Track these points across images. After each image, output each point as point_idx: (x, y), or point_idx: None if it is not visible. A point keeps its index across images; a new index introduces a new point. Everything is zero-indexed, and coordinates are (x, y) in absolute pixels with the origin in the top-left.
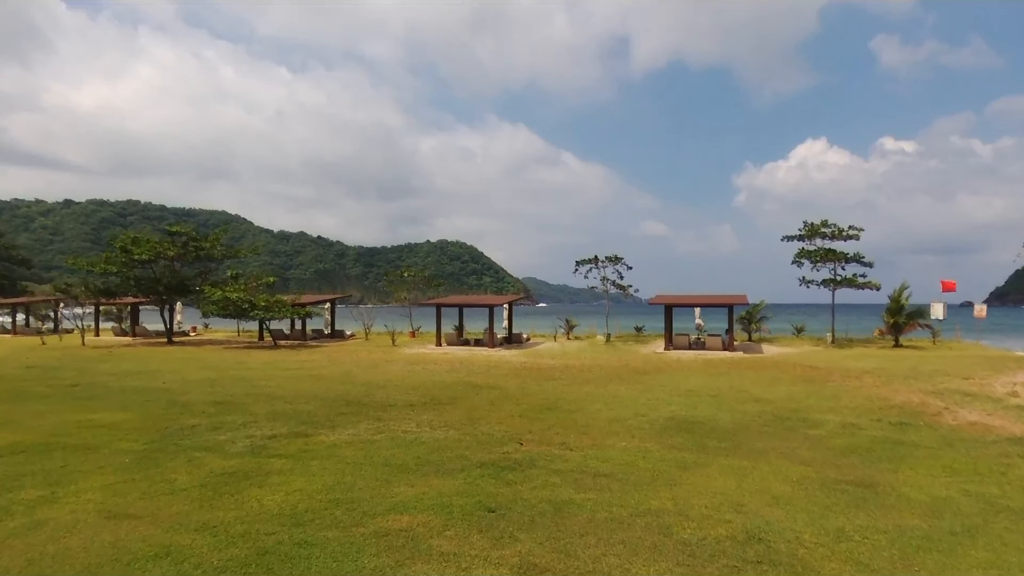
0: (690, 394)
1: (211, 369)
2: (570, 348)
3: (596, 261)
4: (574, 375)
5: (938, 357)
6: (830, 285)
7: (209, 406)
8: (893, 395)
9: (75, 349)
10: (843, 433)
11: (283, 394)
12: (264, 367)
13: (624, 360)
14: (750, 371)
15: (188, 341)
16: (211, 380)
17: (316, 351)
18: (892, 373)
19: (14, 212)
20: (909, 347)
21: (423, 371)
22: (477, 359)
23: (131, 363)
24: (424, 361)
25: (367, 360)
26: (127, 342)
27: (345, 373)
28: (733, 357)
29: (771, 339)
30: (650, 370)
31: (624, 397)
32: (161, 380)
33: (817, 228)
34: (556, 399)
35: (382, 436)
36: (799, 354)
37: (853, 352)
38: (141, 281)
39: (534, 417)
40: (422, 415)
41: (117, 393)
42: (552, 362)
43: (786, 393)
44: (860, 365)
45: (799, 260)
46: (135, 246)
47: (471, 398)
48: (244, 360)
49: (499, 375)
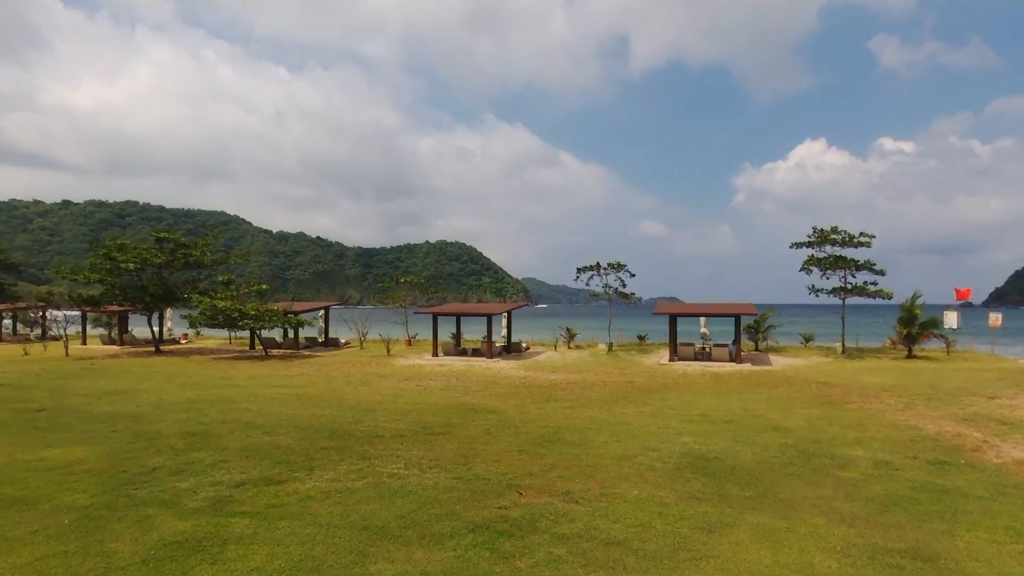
0: (702, 420)
1: (192, 387)
2: (571, 358)
3: (598, 268)
4: (576, 394)
5: (956, 371)
6: (840, 294)
7: (180, 438)
8: (922, 423)
9: (56, 361)
10: (879, 476)
11: (263, 421)
12: (249, 383)
13: (628, 374)
14: (762, 389)
15: (177, 350)
16: (189, 402)
17: (307, 363)
18: (912, 392)
19: (12, 213)
20: (923, 358)
21: (416, 389)
22: (474, 373)
23: (109, 380)
24: (419, 376)
25: (359, 375)
26: (113, 351)
27: (333, 392)
28: (741, 370)
29: (779, 349)
30: (656, 388)
31: (631, 424)
32: (136, 402)
33: (827, 235)
34: (558, 427)
35: (364, 483)
36: (809, 367)
37: (866, 365)
38: (127, 289)
39: (534, 452)
40: (412, 450)
41: (84, 421)
42: (553, 376)
43: (805, 419)
44: (876, 381)
45: (808, 267)
46: (120, 253)
47: (466, 426)
48: (230, 375)
49: (497, 394)
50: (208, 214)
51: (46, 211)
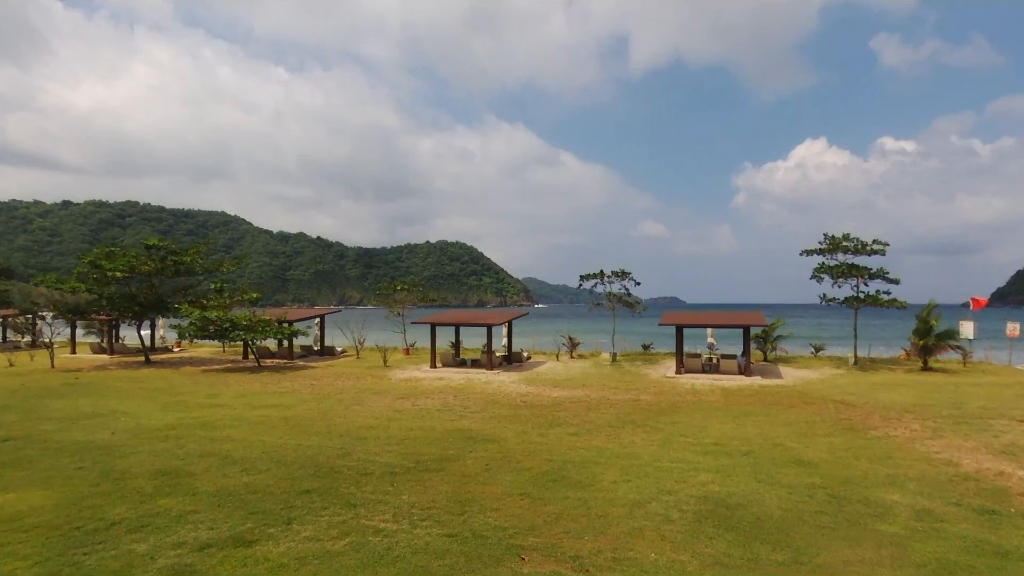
0: (718, 451)
1: (175, 407)
2: (574, 370)
3: (602, 276)
4: (581, 417)
5: (976, 386)
6: (852, 304)
7: (149, 478)
8: (957, 456)
9: (40, 374)
10: (923, 530)
11: (243, 454)
12: (236, 403)
13: (634, 389)
14: (777, 410)
15: (168, 360)
16: (168, 428)
17: (301, 375)
18: (937, 413)
19: (12, 213)
20: (939, 370)
21: (412, 410)
22: (473, 390)
23: (89, 398)
24: (415, 393)
25: (352, 391)
26: (102, 361)
27: (324, 414)
28: (752, 385)
29: (788, 359)
30: (665, 408)
31: (642, 456)
32: (112, 428)
33: (839, 241)
34: (562, 461)
35: (346, 543)
36: (823, 381)
37: (881, 379)
38: (115, 299)
39: (537, 496)
40: (402, 494)
41: (50, 454)
42: (555, 393)
43: (828, 449)
44: (896, 399)
45: (819, 275)
46: (108, 261)
47: (463, 458)
48: (217, 391)
49: (497, 417)
50: (208, 214)
51: (46, 211)
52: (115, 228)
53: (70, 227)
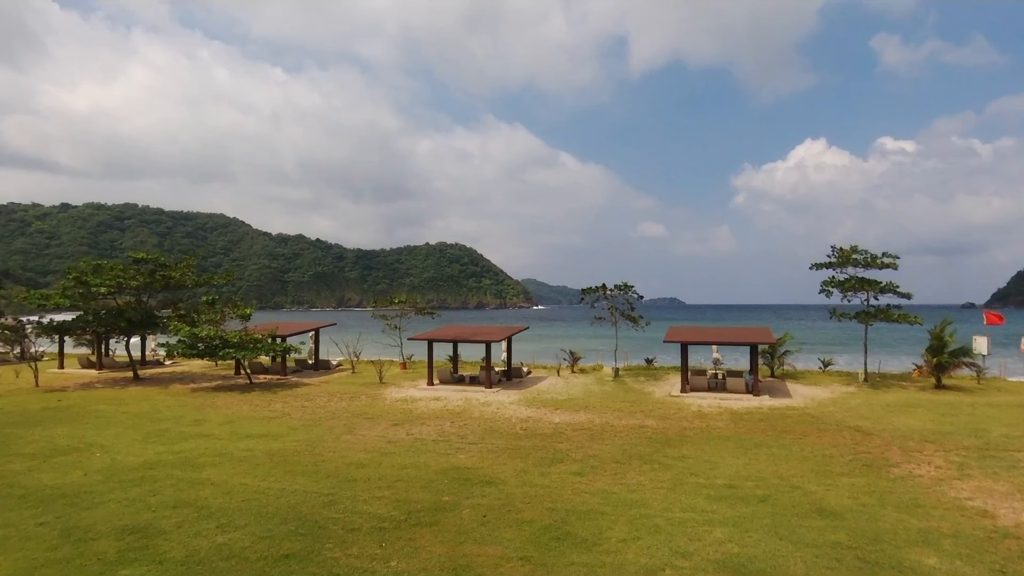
0: (732, 495)
1: (157, 438)
2: (575, 387)
3: (604, 290)
4: (584, 448)
5: (994, 408)
6: (863, 319)
7: (115, 538)
8: (990, 503)
9: (23, 395)
10: None
11: (221, 504)
12: (222, 432)
13: (638, 411)
14: (790, 438)
15: (157, 375)
16: (146, 467)
17: (292, 394)
18: (959, 443)
19: (10, 216)
20: (953, 388)
21: (406, 441)
22: (471, 412)
23: (68, 427)
24: (410, 418)
25: (344, 415)
26: (89, 378)
27: (312, 447)
28: (761, 407)
29: (796, 375)
30: (672, 437)
31: (651, 503)
32: (86, 467)
33: (848, 254)
34: (566, 511)
35: None
36: (834, 402)
37: (894, 398)
38: (101, 315)
39: (539, 561)
40: (391, 558)
41: (12, 504)
42: (557, 418)
43: (850, 493)
44: (913, 425)
45: (827, 289)
46: (95, 275)
47: (459, 507)
48: (205, 416)
49: (496, 450)
50: (207, 216)
51: (45, 214)
52: (113, 231)
53: (68, 230)
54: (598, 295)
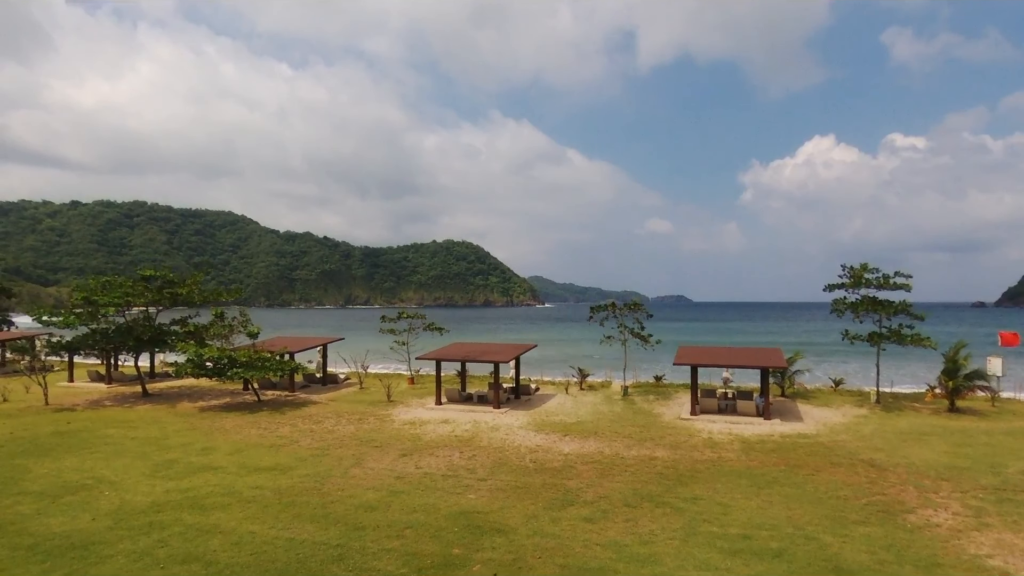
0: (747, 549)
1: (165, 471)
2: (584, 406)
3: (614, 308)
4: (595, 487)
5: (1010, 436)
6: (876, 340)
7: None
8: (1009, 559)
9: (32, 415)
10: None
11: (230, 557)
12: (230, 463)
13: (648, 439)
14: (803, 475)
15: (166, 391)
16: (155, 509)
17: (300, 415)
18: (975, 482)
19: (21, 213)
20: (967, 412)
21: (415, 475)
22: (480, 439)
23: (77, 456)
24: (418, 447)
25: (352, 442)
26: (98, 394)
27: (320, 482)
28: (773, 434)
29: (807, 395)
30: (684, 473)
31: (664, 560)
32: (94, 511)
33: (860, 274)
34: (578, 568)
35: None
36: (847, 428)
37: (907, 423)
38: (110, 333)
39: None
40: None
41: (20, 558)
42: (565, 447)
43: (867, 547)
44: (928, 458)
45: (839, 310)
46: (103, 294)
47: (469, 562)
48: (213, 442)
49: (505, 488)
50: (216, 214)
51: (55, 212)
52: (123, 228)
53: (78, 227)
54: (607, 313)
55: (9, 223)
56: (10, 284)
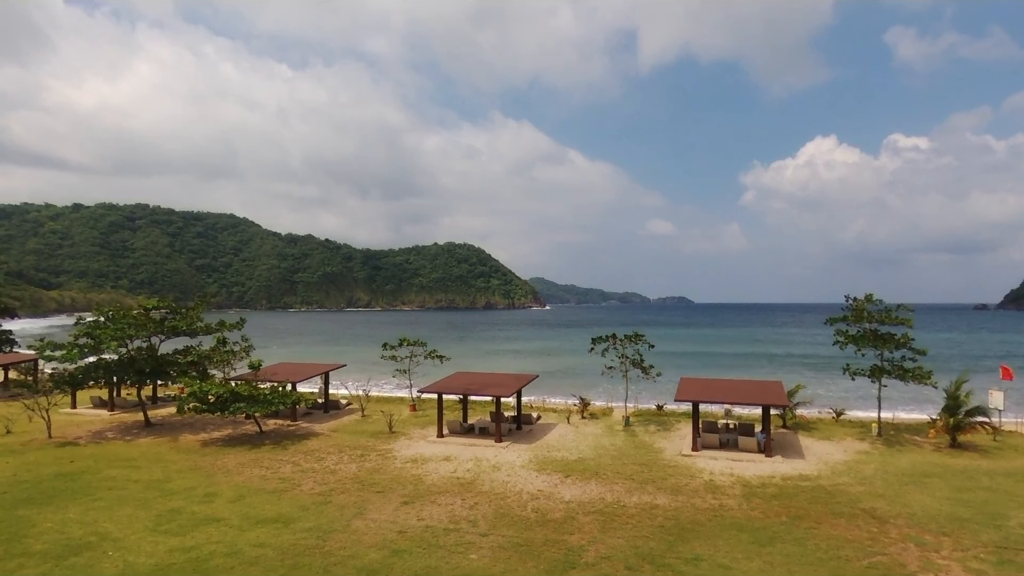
0: None
1: (170, 523)
2: (585, 440)
3: (615, 339)
4: (596, 544)
5: (1011, 477)
6: (878, 375)
7: None
8: None
9: (35, 451)
10: None
11: None
12: (233, 513)
13: (649, 481)
14: (804, 528)
15: (168, 420)
16: (159, 572)
17: (303, 451)
18: (976, 538)
19: (23, 216)
20: (969, 447)
21: (416, 529)
22: (481, 483)
23: (81, 506)
24: (421, 491)
25: (355, 486)
26: (102, 423)
27: (322, 538)
28: (774, 475)
29: (809, 426)
30: (685, 526)
31: None
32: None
33: (862, 308)
34: None
35: None
36: (848, 467)
37: (908, 462)
38: (112, 366)
39: None
40: None
41: None
42: (567, 492)
43: None
44: (929, 506)
45: (841, 342)
46: (105, 328)
47: None
48: (215, 486)
49: (507, 546)
50: (218, 216)
51: (57, 214)
52: (125, 231)
53: (81, 230)
54: (608, 344)
55: (11, 226)
56: (12, 288)
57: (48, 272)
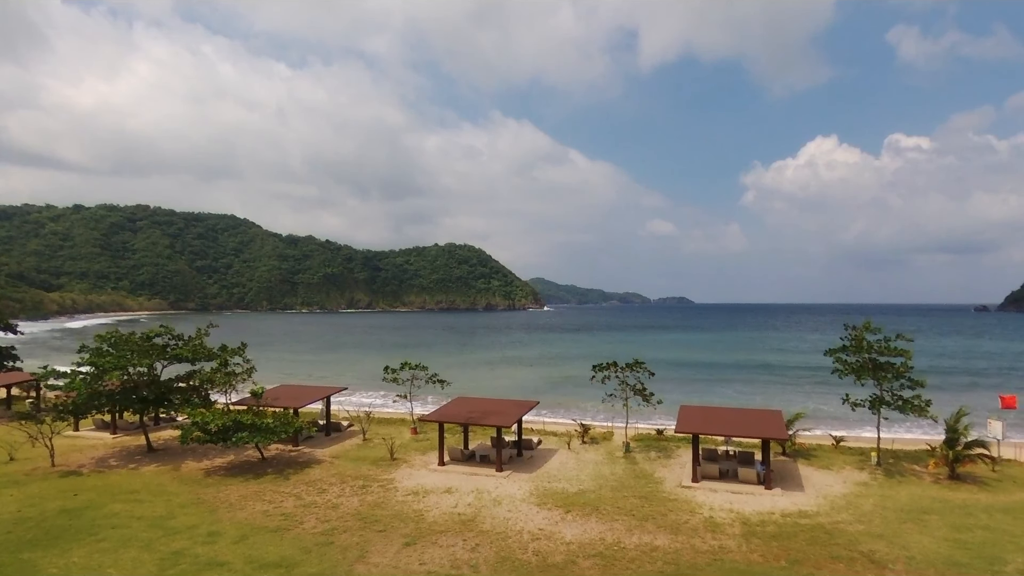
0: None
1: (174, 566)
2: (586, 466)
3: (615, 367)
4: None
5: (1008, 512)
6: (877, 406)
7: None
8: None
9: (39, 480)
10: None
11: None
12: (236, 556)
13: (649, 518)
14: (806, 573)
15: (170, 446)
16: None
17: (304, 482)
18: None
19: (24, 218)
20: (968, 479)
21: (419, 572)
22: (483, 520)
23: (85, 549)
24: (422, 530)
25: (356, 524)
26: (105, 447)
27: None
28: (774, 511)
29: (808, 454)
30: (684, 570)
31: None
32: None
33: (861, 336)
34: None
35: None
36: (847, 502)
37: (907, 496)
38: (115, 395)
39: None
40: None
41: None
42: (568, 532)
43: None
44: (927, 547)
45: (841, 371)
46: (114, 351)
47: None
48: (219, 524)
49: None
50: (218, 217)
51: (58, 215)
52: (126, 232)
53: (82, 231)
54: (608, 373)
55: (12, 227)
56: (13, 290)
57: (49, 273)
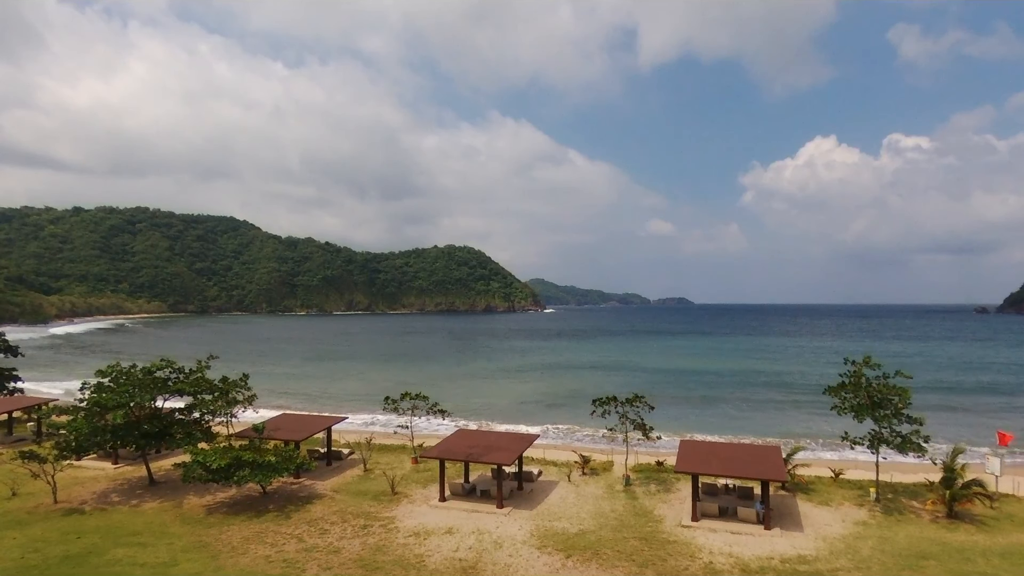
0: None
1: None
2: (586, 502)
3: (615, 402)
4: None
5: (1006, 557)
6: (876, 444)
7: None
8: None
9: (41, 520)
10: None
11: None
12: None
13: (648, 564)
14: None
15: (170, 480)
16: None
17: (305, 520)
18: None
19: (24, 220)
20: (966, 518)
21: None
22: (483, 567)
23: None
24: None
25: (357, 569)
26: (106, 480)
27: None
28: (772, 556)
29: (807, 488)
30: None
31: None
32: None
33: (859, 372)
34: None
35: None
36: (846, 544)
37: (905, 537)
38: (118, 431)
39: None
40: None
41: None
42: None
43: None
44: None
45: (840, 408)
46: (116, 387)
47: None
48: (221, 572)
49: None
50: (217, 220)
51: (57, 218)
52: (125, 234)
53: (81, 233)
54: (608, 408)
55: (11, 229)
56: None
57: (48, 276)
